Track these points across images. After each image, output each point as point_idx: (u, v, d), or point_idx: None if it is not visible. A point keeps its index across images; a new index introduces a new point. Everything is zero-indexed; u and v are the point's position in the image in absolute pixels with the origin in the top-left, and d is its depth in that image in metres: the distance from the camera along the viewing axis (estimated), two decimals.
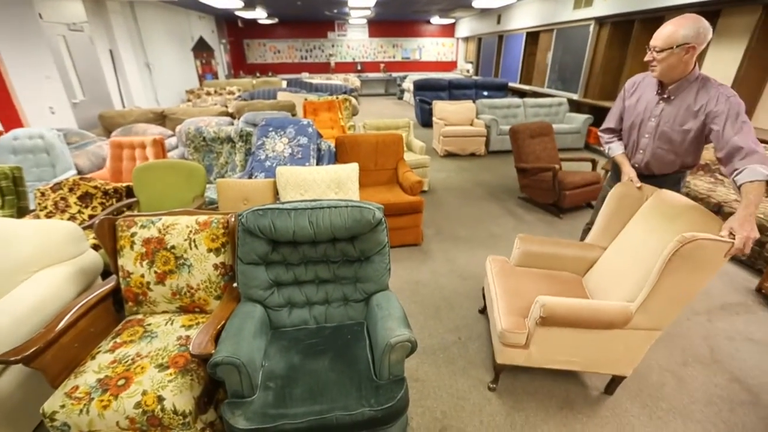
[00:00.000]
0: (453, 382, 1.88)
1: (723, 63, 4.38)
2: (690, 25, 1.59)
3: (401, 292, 2.57)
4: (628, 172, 1.95)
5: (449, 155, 5.81)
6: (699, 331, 2.20)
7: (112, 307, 1.73)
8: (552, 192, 3.63)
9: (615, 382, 1.77)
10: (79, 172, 3.46)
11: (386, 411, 1.28)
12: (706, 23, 1.60)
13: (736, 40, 4.23)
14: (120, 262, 1.69)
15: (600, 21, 5.92)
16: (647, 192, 1.86)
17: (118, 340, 1.53)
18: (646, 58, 1.74)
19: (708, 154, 3.57)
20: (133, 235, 1.69)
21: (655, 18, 5.11)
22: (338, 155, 3.36)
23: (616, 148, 2.07)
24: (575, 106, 6.57)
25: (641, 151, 1.93)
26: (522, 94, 8.43)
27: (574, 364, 1.70)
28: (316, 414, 1.26)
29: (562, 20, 6.78)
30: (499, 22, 9.47)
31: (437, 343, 2.13)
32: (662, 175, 1.94)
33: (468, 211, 3.84)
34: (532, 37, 8.26)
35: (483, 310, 2.37)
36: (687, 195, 3.19)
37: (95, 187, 2.49)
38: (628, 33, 5.52)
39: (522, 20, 8.26)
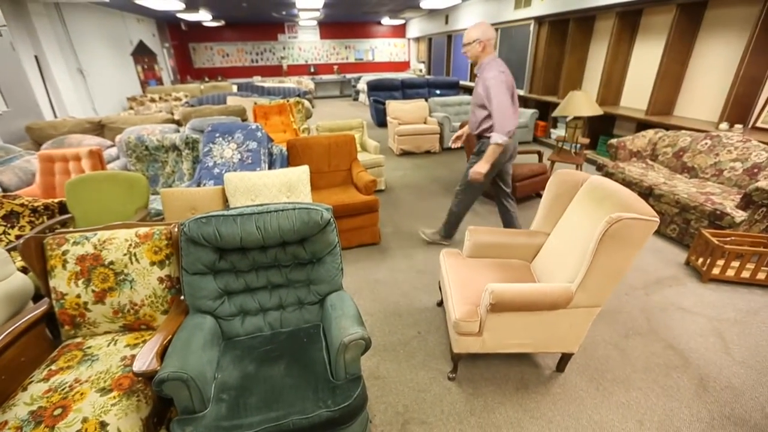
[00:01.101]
0: (414, 375, 1.91)
1: (647, 58, 4.78)
2: (479, 28, 2.43)
3: (360, 292, 2.58)
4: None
5: (405, 154, 5.89)
6: (637, 305, 2.39)
7: (45, 333, 1.61)
8: None
9: (564, 359, 1.88)
10: (5, 190, 3.16)
11: (343, 410, 1.28)
12: (488, 26, 2.46)
13: (656, 36, 4.63)
14: (52, 283, 1.57)
15: (539, 20, 6.25)
16: (581, 178, 1.99)
17: (53, 367, 1.43)
18: (462, 51, 2.54)
19: (639, 142, 3.87)
20: (64, 253, 1.57)
21: (587, 17, 5.48)
22: (290, 159, 3.32)
23: None
24: (522, 102, 6.88)
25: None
26: (470, 90, 8.71)
27: (525, 346, 1.78)
28: (272, 421, 1.24)
29: (505, 20, 7.08)
30: (447, 22, 9.73)
31: (397, 339, 2.16)
32: (476, 135, 2.69)
33: (425, 207, 3.92)
34: None
35: (440, 303, 2.43)
36: (622, 180, 3.45)
37: (22, 205, 2.29)
38: (564, 31, 5.87)
39: (468, 20, 8.53)
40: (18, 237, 2.24)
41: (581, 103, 3.96)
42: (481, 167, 2.50)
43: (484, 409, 1.73)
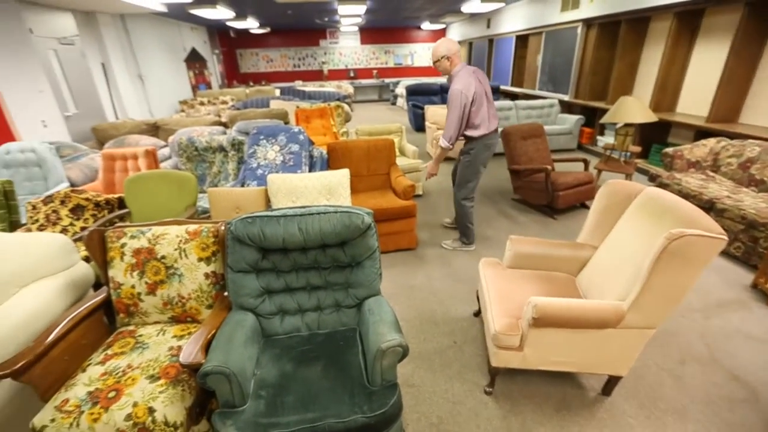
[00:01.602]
0: (449, 386, 1.87)
1: (708, 61, 4.44)
2: (443, 45, 2.62)
3: (396, 297, 2.57)
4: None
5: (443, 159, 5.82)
6: (695, 329, 2.20)
7: (103, 319, 1.72)
8: (545, 193, 3.64)
9: (611, 382, 1.77)
10: (72, 185, 3.44)
11: (379, 417, 1.27)
12: (451, 41, 2.66)
13: (720, 38, 4.29)
14: (110, 273, 1.68)
15: (587, 23, 6.00)
16: (635, 189, 1.87)
17: (109, 351, 1.52)
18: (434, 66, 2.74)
19: (699, 151, 3.60)
20: (122, 246, 1.68)
21: (641, 18, 5.19)
22: (330, 162, 3.37)
23: None
24: (567, 107, 6.62)
25: None
26: (514, 96, 8.50)
27: (569, 365, 1.69)
28: (308, 422, 1.25)
29: (550, 23, 6.86)
30: (488, 26, 9.57)
31: (432, 347, 2.12)
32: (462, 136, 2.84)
33: None
34: (522, 40, 8.35)
35: (478, 313, 2.36)
36: (678, 193, 3.21)
37: (87, 199, 2.48)
38: (615, 34, 5.59)
39: (511, 24, 8.35)
40: (82, 228, 2.42)
41: (633, 109, 3.74)
42: (433, 167, 2.95)
43: (523, 428, 1.65)
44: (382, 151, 3.44)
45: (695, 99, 4.67)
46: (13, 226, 2.51)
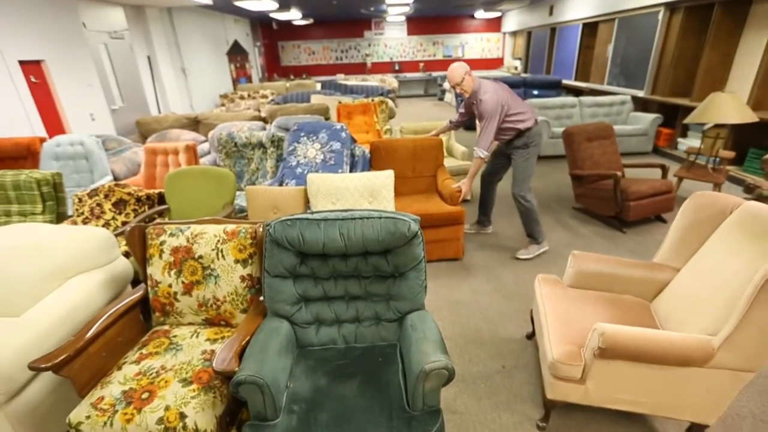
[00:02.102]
0: (496, 416, 1.80)
1: None
2: (458, 67, 2.78)
3: (439, 312, 2.52)
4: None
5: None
6: None
7: (139, 317, 1.83)
8: (613, 202, 3.43)
9: (694, 430, 1.61)
10: (116, 178, 3.73)
11: None
12: (461, 63, 2.83)
13: None
14: (149, 270, 1.79)
15: (671, 6, 5.60)
16: (731, 204, 1.70)
17: (144, 351, 1.61)
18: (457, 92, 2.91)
19: None
20: (162, 243, 1.78)
21: (741, 1, 4.76)
22: (373, 161, 3.39)
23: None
24: (641, 105, 6.22)
25: None
26: (578, 92, 8.12)
27: (641, 405, 1.57)
28: None
29: (625, 8, 6.48)
30: (551, 13, 9.23)
31: (478, 371, 2.05)
32: (509, 140, 2.99)
33: (514, 223, 3.70)
34: (590, 28, 7.96)
35: (531, 336, 2.26)
36: None
37: (129, 194, 2.66)
38: (706, 19, 5.17)
39: (578, 10, 8.00)
40: (123, 223, 2.60)
41: (727, 107, 3.43)
42: (468, 187, 2.99)
43: None
44: (429, 151, 3.39)
45: None
46: (60, 217, 2.74)
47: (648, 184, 3.45)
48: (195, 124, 5.23)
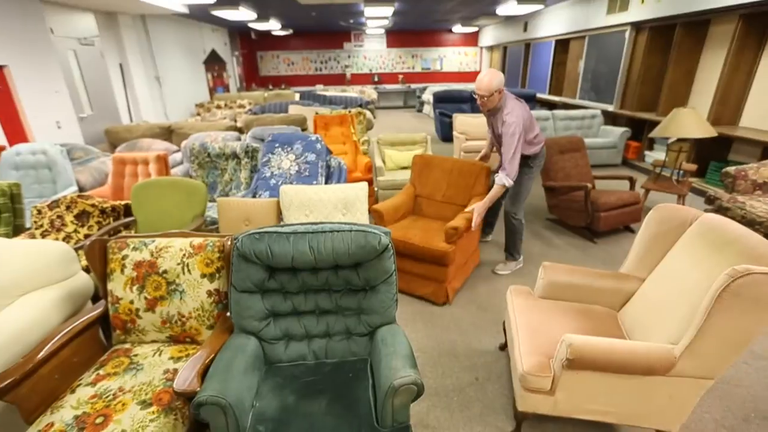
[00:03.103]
0: (468, 430, 1.79)
1: None
2: (495, 78, 2.56)
3: (412, 324, 2.51)
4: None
5: None
6: (762, 380, 2.03)
7: (99, 335, 1.75)
8: (584, 213, 3.52)
9: None
10: (81, 189, 3.59)
11: None
12: (499, 73, 2.61)
13: None
14: (109, 286, 1.71)
15: (637, 26, 5.87)
16: (691, 216, 1.77)
17: (101, 371, 1.53)
18: (478, 102, 2.67)
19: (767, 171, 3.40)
20: (124, 257, 1.71)
21: (699, 22, 5.03)
22: (412, 175, 3.27)
23: (486, 147, 3.21)
24: (611, 119, 6.46)
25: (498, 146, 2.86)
26: (551, 105, 8.37)
27: (608, 415, 1.59)
28: None
29: (594, 26, 6.76)
30: (525, 29, 9.54)
31: (451, 383, 2.04)
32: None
33: (493, 233, 3.76)
34: (562, 44, 8.26)
35: (504, 347, 2.27)
36: (741, 218, 3.04)
37: (92, 206, 2.57)
38: (668, 38, 5.44)
39: (551, 27, 8.29)
40: (86, 236, 2.50)
41: (689, 122, 3.60)
42: (482, 208, 2.69)
43: None
44: (467, 177, 2.98)
45: (763, 111, 4.46)
46: (17, 230, 2.62)
47: (617, 196, 3.56)
48: (168, 133, 5.11)
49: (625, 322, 1.84)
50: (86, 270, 2.13)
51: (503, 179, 2.63)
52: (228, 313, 1.68)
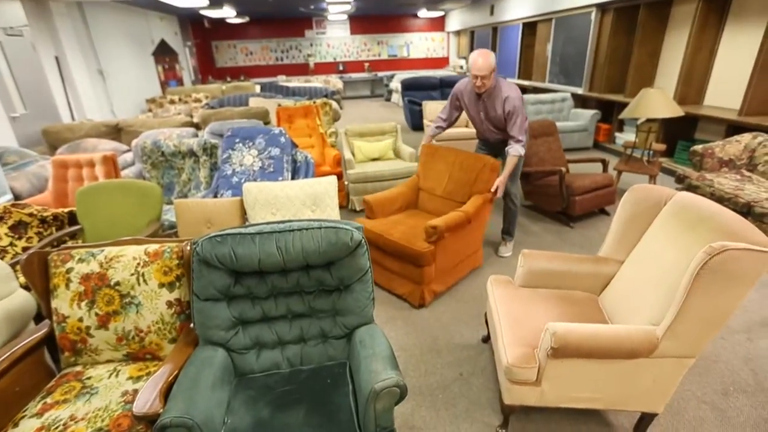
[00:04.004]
0: (455, 428, 1.79)
1: (740, 47, 4.47)
2: (489, 59, 2.65)
3: (392, 322, 2.49)
4: (424, 141, 3.24)
5: None
6: (738, 353, 2.14)
7: (44, 359, 1.63)
8: (559, 198, 3.60)
9: (645, 420, 1.69)
10: (17, 197, 3.35)
11: None
12: (492, 54, 2.71)
13: (754, 20, 4.32)
14: (54, 303, 1.60)
15: (602, 7, 6.04)
16: (665, 195, 1.82)
17: (49, 399, 1.43)
18: (475, 83, 2.74)
19: (732, 148, 3.58)
20: (69, 271, 1.59)
21: (662, 2, 5.22)
22: (420, 163, 3.20)
23: (433, 129, 3.18)
24: (580, 102, 6.64)
25: (488, 131, 3.02)
26: (522, 90, 8.51)
27: (595, 401, 1.62)
28: None
29: (560, 8, 6.90)
30: (492, 13, 9.64)
31: (436, 381, 2.04)
32: (495, 141, 3.04)
33: None
34: (530, 27, 8.40)
35: (487, 339, 2.29)
36: (710, 195, 3.18)
37: (30, 215, 2.39)
38: (633, 19, 5.63)
39: (517, 10, 8.41)
40: (25, 249, 2.33)
41: (656, 102, 3.73)
42: (503, 180, 2.78)
43: None
44: (468, 172, 2.82)
45: (726, 90, 4.68)
46: None
47: (590, 179, 3.66)
48: (116, 132, 4.85)
49: (606, 305, 1.89)
50: (26, 287, 1.97)
51: (519, 150, 2.74)
52: (191, 324, 1.60)
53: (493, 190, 2.72)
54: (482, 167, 2.79)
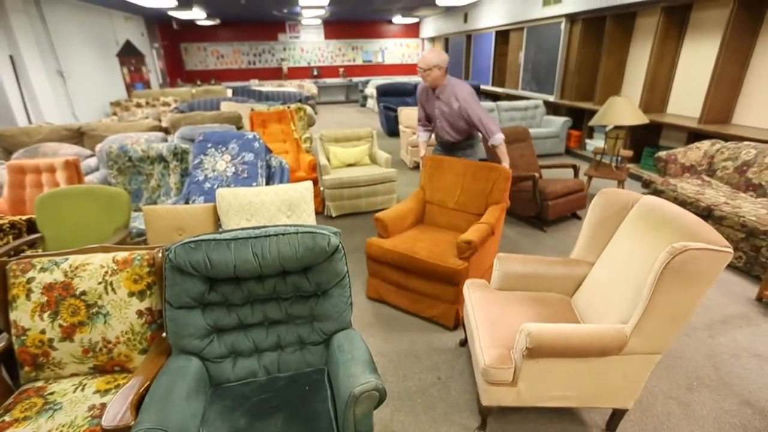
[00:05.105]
0: (434, 431, 1.82)
1: (699, 59, 4.75)
2: (436, 54, 2.81)
3: (369, 328, 2.51)
4: (423, 152, 3.33)
5: (419, 166, 5.87)
6: (701, 350, 2.27)
7: (2, 376, 1.56)
8: (533, 203, 3.72)
9: (616, 416, 1.77)
10: None
11: None
12: (443, 52, 2.90)
13: (710, 34, 4.61)
14: (12, 316, 1.53)
15: (571, 18, 6.30)
16: (632, 199, 1.92)
17: (7, 418, 1.37)
18: (419, 75, 2.89)
19: (693, 155, 3.80)
20: (29, 281, 1.54)
21: (627, 14, 5.50)
22: (422, 175, 3.10)
23: (422, 135, 3.31)
24: (552, 109, 6.88)
25: (443, 130, 3.09)
26: (495, 97, 8.76)
27: (569, 399, 1.68)
28: None
29: (531, 18, 7.16)
30: (466, 20, 9.89)
31: (414, 385, 2.07)
32: (457, 142, 3.12)
33: None
34: (503, 36, 8.67)
35: (464, 343, 2.34)
36: (674, 199, 3.36)
37: None
38: (600, 30, 5.90)
39: (490, 18, 8.66)
40: None
41: (623, 110, 3.92)
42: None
43: None
44: (483, 182, 2.75)
45: (686, 99, 4.97)
46: None
47: (562, 184, 3.80)
48: (78, 135, 4.69)
49: (579, 306, 1.97)
50: None
51: (498, 138, 2.83)
52: (164, 334, 1.57)
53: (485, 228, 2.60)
54: (498, 177, 2.71)
